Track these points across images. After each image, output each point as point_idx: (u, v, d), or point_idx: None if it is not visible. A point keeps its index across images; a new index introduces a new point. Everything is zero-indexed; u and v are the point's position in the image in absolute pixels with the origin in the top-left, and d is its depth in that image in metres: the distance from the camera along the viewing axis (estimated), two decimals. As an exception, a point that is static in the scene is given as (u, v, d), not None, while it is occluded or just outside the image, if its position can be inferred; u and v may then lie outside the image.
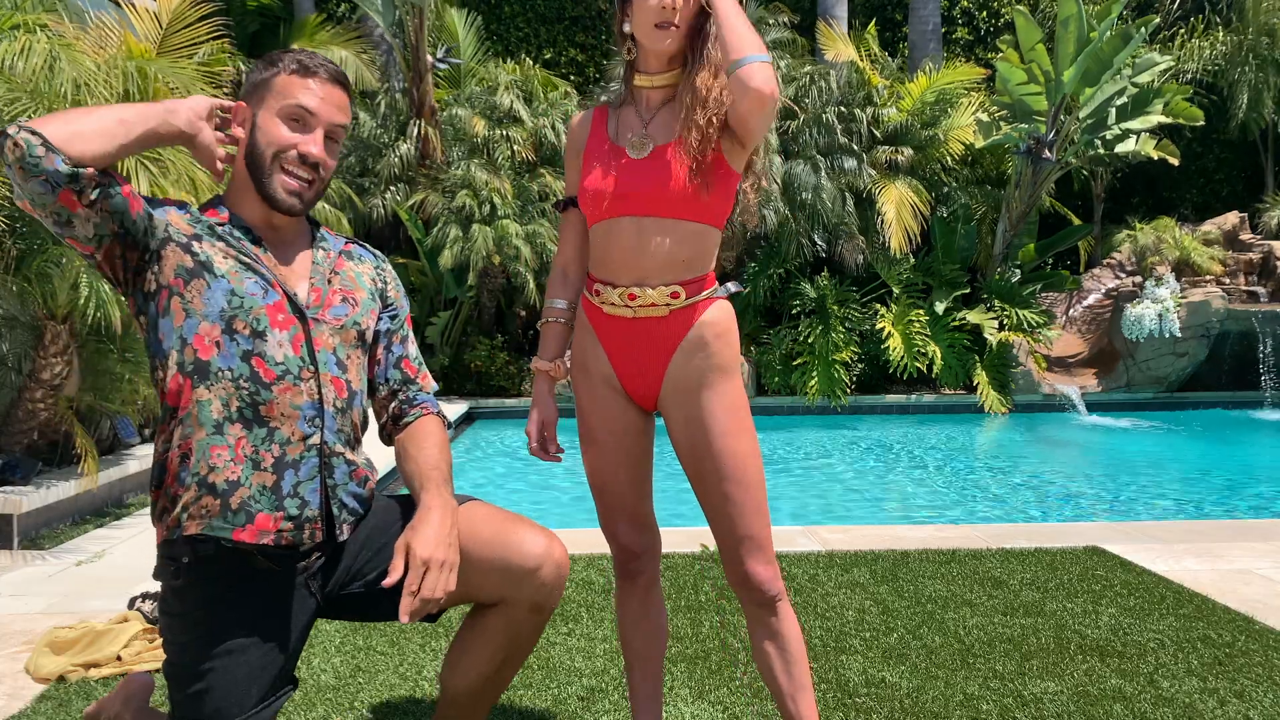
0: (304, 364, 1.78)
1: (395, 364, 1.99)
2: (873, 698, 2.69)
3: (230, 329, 1.74)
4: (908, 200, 10.97)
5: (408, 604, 1.64)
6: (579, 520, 5.58)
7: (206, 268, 1.75)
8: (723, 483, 1.98)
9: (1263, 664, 2.94)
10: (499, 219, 10.38)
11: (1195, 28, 14.20)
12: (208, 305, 1.74)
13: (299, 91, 1.79)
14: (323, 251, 1.91)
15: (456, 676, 1.90)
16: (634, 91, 2.03)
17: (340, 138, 1.86)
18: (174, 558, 1.76)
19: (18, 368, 4.88)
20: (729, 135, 1.93)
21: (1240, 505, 6.39)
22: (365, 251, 2.02)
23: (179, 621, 1.76)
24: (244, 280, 1.76)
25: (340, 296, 1.88)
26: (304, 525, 1.77)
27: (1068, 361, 11.40)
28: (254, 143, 1.80)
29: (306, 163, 1.79)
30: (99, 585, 3.77)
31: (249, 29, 13.48)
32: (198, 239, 1.77)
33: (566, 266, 2.16)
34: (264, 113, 1.80)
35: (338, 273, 1.91)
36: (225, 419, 1.72)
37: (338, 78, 1.84)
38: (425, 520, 1.73)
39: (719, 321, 1.99)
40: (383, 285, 1.99)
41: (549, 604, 1.84)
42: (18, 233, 4.67)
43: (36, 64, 4.37)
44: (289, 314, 1.79)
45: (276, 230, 1.86)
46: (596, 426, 2.09)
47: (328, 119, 1.81)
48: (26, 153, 1.57)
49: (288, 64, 1.81)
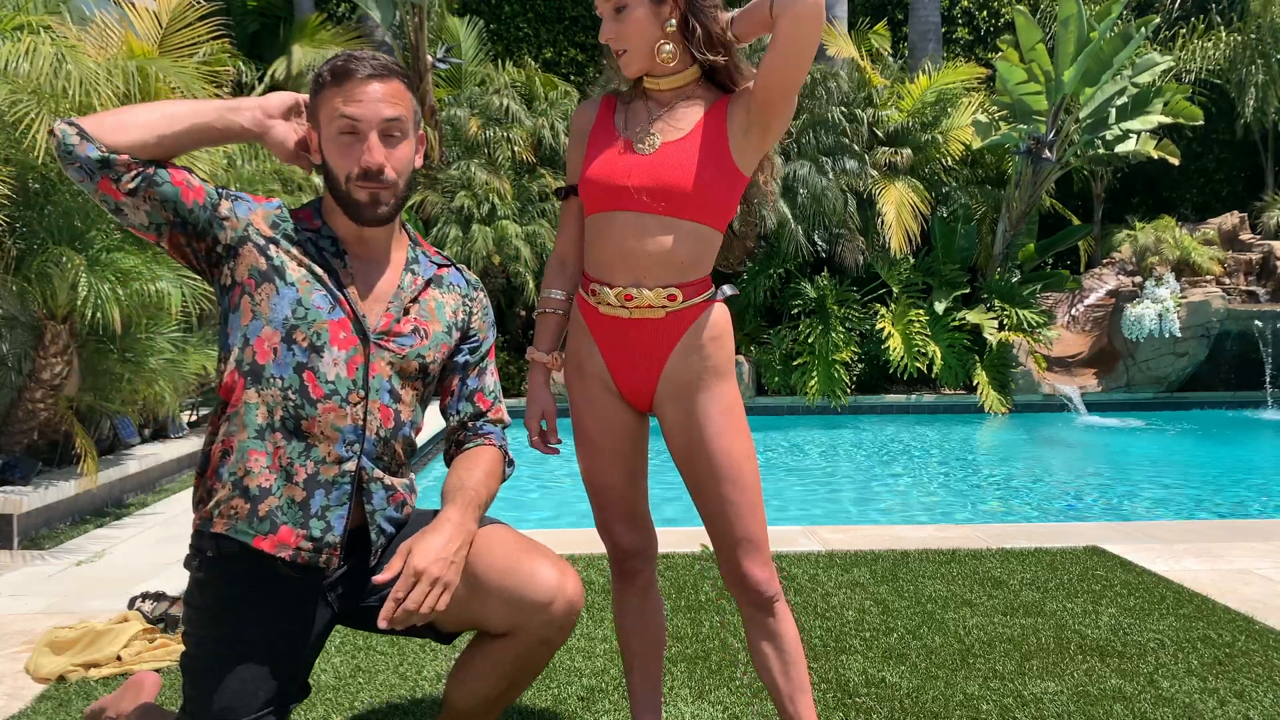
0: (354, 388, 1.77)
1: (469, 397, 1.96)
2: (873, 698, 2.69)
3: (290, 338, 1.74)
4: (908, 200, 10.98)
5: (389, 609, 1.61)
6: (579, 520, 5.58)
7: (279, 273, 1.75)
8: (718, 484, 1.97)
9: (1263, 664, 2.94)
10: (498, 219, 10.38)
11: (1196, 27, 14.20)
12: (274, 311, 1.74)
13: (340, 103, 1.75)
14: (411, 275, 1.87)
15: (461, 694, 1.88)
16: (644, 90, 2.02)
17: (402, 130, 1.78)
18: (200, 549, 1.77)
19: (18, 368, 4.88)
20: (748, 123, 1.92)
21: (1240, 505, 6.40)
22: (459, 279, 1.97)
23: (199, 614, 1.77)
24: (312, 292, 1.76)
25: (412, 326, 1.85)
26: (323, 549, 1.76)
27: (1068, 361, 11.40)
28: (327, 171, 1.79)
29: (371, 175, 1.75)
30: (99, 585, 3.77)
31: (249, 29, 13.49)
32: (274, 243, 1.77)
33: (565, 256, 2.13)
34: (325, 135, 1.78)
35: (418, 301, 1.87)
36: (268, 425, 1.72)
37: (378, 70, 1.76)
38: (435, 531, 1.70)
39: (715, 325, 1.99)
40: (466, 317, 1.95)
41: (558, 640, 1.81)
42: (18, 233, 4.67)
43: (43, 66, 4.37)
44: (352, 334, 1.77)
45: (366, 244, 1.83)
46: (591, 426, 2.08)
47: (376, 118, 1.74)
48: (62, 141, 1.66)
49: (325, 77, 1.77)
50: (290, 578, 1.76)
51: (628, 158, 1.94)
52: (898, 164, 11.30)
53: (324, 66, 1.79)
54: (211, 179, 5.13)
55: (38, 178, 4.67)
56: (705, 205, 1.93)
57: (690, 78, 1.97)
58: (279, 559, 1.73)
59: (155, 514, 5.13)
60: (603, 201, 1.96)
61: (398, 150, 1.78)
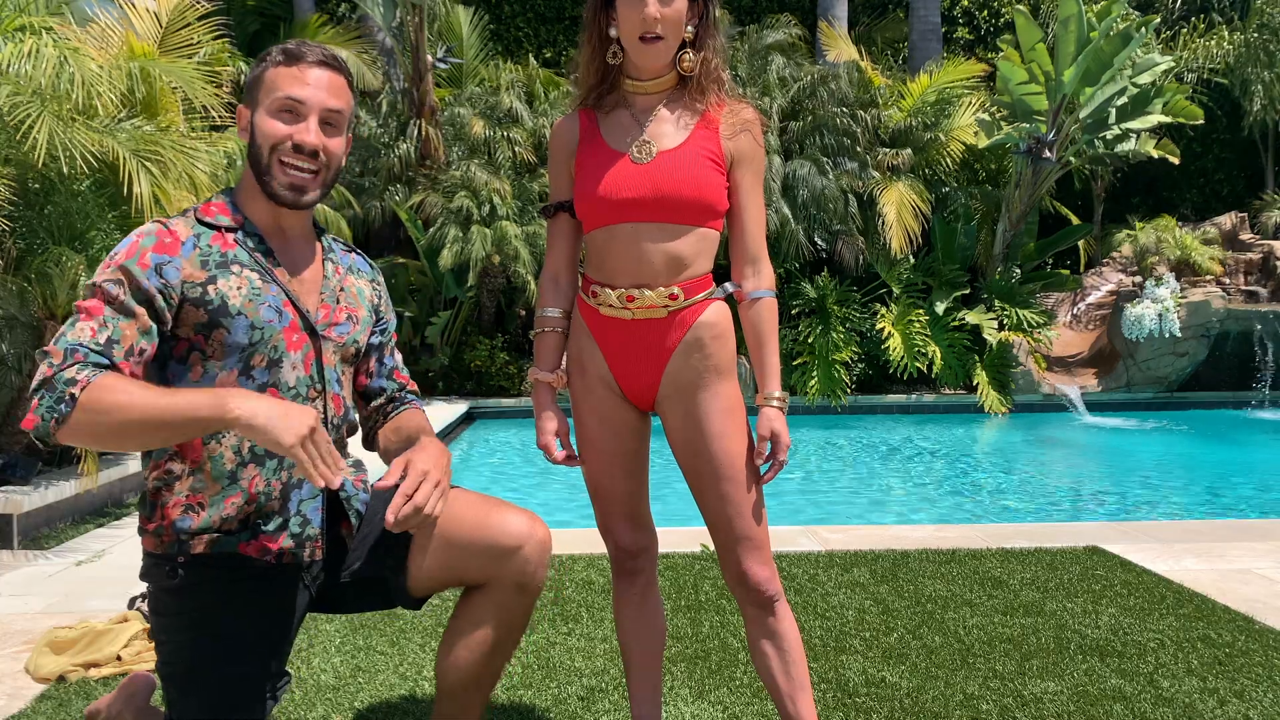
0: (312, 383, 1.80)
1: (389, 375, 2.03)
2: (873, 698, 2.69)
3: (247, 369, 1.73)
4: (908, 200, 10.98)
5: (398, 504, 1.63)
6: (579, 519, 5.58)
7: (223, 312, 1.70)
8: (719, 483, 1.98)
9: (1263, 664, 2.94)
10: (498, 220, 10.38)
11: (1197, 26, 14.19)
12: (228, 352, 1.71)
13: (286, 82, 1.75)
14: (331, 264, 1.90)
15: (450, 666, 1.90)
16: (624, 95, 2.01)
17: (339, 123, 1.79)
18: (169, 556, 1.74)
19: (18, 368, 4.87)
20: (735, 159, 1.99)
21: (1240, 505, 6.39)
22: (364, 263, 2.03)
23: (174, 621, 1.75)
24: (259, 308, 1.73)
25: (345, 314, 1.89)
26: (305, 543, 1.79)
27: (1068, 361, 11.40)
28: (253, 143, 1.77)
29: (303, 152, 1.74)
30: (99, 585, 3.77)
31: (249, 29, 13.50)
32: (212, 281, 1.71)
33: (558, 274, 2.12)
34: (259, 112, 1.77)
35: (344, 289, 1.91)
36: (239, 465, 1.73)
37: (327, 61, 1.78)
38: (424, 447, 1.78)
39: (717, 323, 1.99)
40: (377, 300, 2.01)
41: (534, 583, 1.85)
42: (17, 233, 4.67)
43: (45, 69, 4.38)
44: (302, 332, 1.79)
45: (284, 234, 1.84)
46: (593, 427, 2.08)
47: (319, 104, 1.75)
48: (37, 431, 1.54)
49: (274, 56, 1.77)
50: (268, 569, 1.77)
51: (625, 170, 1.94)
52: (898, 164, 11.30)
53: (274, 48, 1.79)
54: (211, 178, 5.13)
55: (38, 178, 4.67)
56: (706, 209, 1.94)
57: (673, 81, 1.99)
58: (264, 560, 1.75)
59: (155, 514, 5.13)
60: (604, 217, 1.96)
61: (332, 140, 1.79)
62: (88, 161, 4.31)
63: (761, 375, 2.02)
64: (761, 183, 2.06)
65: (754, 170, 2.01)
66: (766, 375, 2.02)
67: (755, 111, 2.04)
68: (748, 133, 1.99)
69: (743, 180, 2.00)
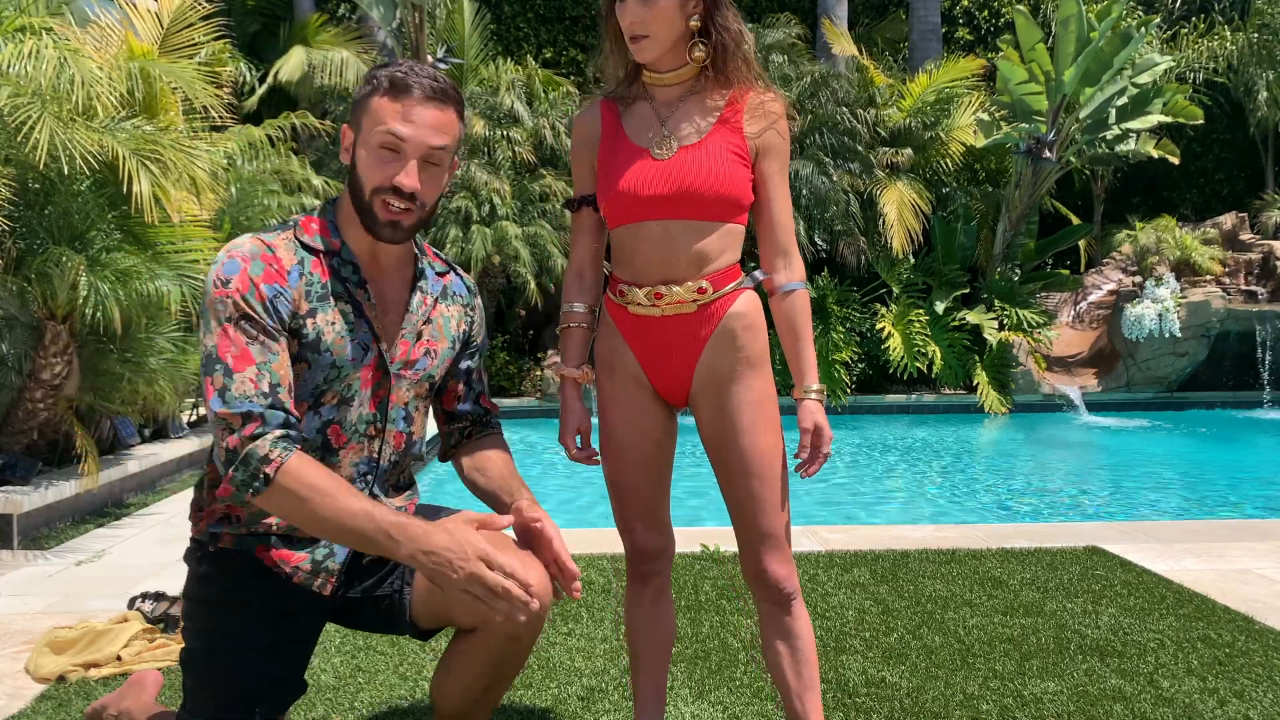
0: (374, 420, 1.79)
1: (475, 399, 1.99)
2: (873, 698, 2.69)
3: (317, 404, 1.73)
4: (909, 200, 10.99)
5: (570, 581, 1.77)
6: (579, 519, 5.58)
7: (313, 348, 1.70)
8: (745, 478, 1.97)
9: (1263, 664, 2.94)
10: (498, 220, 10.38)
11: (1197, 26, 14.19)
12: (302, 386, 1.71)
13: (391, 117, 1.68)
14: (419, 295, 1.85)
15: (443, 696, 1.87)
16: (644, 87, 2.00)
17: (442, 160, 1.73)
18: (202, 544, 1.79)
19: (18, 368, 4.87)
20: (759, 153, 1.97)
21: (1240, 505, 6.40)
22: (460, 287, 1.96)
23: (200, 607, 1.78)
24: (347, 345, 1.73)
25: (424, 349, 1.85)
26: (320, 572, 1.76)
27: (1068, 361, 11.41)
28: (354, 175, 1.73)
29: (401, 195, 1.70)
30: (99, 585, 3.77)
31: (249, 29, 13.50)
32: (312, 315, 1.70)
33: (583, 269, 2.10)
34: (362, 140, 1.72)
35: (429, 321, 1.86)
36: None
37: (436, 94, 1.70)
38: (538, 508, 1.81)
39: (747, 314, 1.97)
40: (469, 328, 1.95)
41: (527, 636, 1.78)
42: (17, 233, 4.67)
43: (46, 69, 4.38)
44: (376, 370, 1.78)
45: (379, 261, 1.80)
46: (619, 425, 2.06)
47: (422, 143, 1.68)
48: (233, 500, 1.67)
49: (381, 82, 1.70)
50: (287, 577, 1.77)
51: (647, 167, 1.92)
52: (899, 164, 11.31)
53: (382, 70, 1.72)
54: (211, 178, 5.14)
55: (38, 178, 4.67)
56: (731, 205, 1.93)
57: (693, 72, 1.96)
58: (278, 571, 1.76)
59: (155, 514, 5.13)
60: (628, 215, 1.94)
61: (432, 181, 1.74)
62: (88, 162, 4.31)
63: (798, 369, 2.01)
64: (787, 173, 2.03)
65: (780, 161, 1.99)
66: (804, 368, 2.00)
67: (783, 103, 2.01)
68: (773, 124, 1.96)
69: (769, 171, 1.98)
